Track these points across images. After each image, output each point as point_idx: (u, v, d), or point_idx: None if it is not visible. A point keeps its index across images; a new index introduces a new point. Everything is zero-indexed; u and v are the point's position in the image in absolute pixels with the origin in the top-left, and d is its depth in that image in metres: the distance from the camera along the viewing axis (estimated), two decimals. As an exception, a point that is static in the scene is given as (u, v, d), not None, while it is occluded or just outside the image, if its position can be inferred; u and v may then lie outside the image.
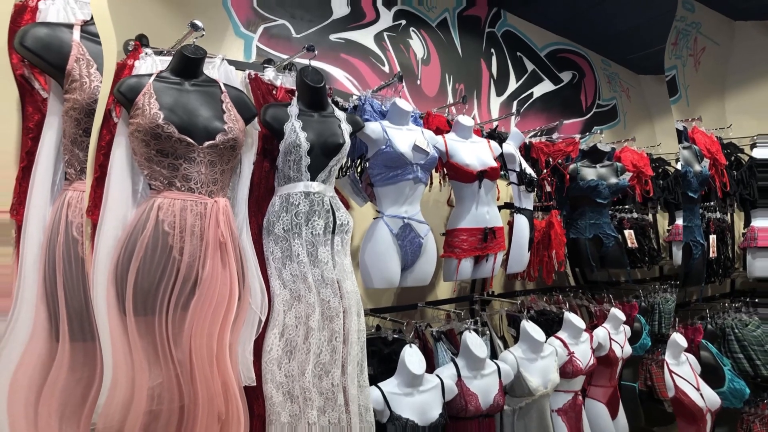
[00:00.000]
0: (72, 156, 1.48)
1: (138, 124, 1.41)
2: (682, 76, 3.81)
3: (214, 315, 1.46)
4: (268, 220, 1.68)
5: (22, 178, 1.50)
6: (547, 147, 3.12)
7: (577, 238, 3.19)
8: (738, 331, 3.03)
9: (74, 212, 1.44)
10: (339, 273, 1.69)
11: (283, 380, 1.57)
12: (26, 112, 1.51)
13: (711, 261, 3.22)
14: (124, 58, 1.59)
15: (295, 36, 2.56)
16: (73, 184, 1.48)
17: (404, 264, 2.08)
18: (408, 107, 2.17)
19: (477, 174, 2.20)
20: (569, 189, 3.18)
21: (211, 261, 1.46)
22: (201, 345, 1.43)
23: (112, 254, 1.40)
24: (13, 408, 1.33)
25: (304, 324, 1.63)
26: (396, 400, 1.83)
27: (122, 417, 1.34)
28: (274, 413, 1.54)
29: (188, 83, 1.56)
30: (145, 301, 1.40)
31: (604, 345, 2.69)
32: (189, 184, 1.49)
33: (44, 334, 1.40)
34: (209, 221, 1.48)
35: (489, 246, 2.29)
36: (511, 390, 2.25)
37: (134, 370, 1.37)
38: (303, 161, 1.66)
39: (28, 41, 1.38)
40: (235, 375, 1.50)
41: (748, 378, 2.90)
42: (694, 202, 3.08)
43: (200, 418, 1.40)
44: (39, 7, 1.50)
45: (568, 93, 4.13)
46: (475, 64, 3.49)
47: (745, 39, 3.82)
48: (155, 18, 2.05)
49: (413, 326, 2.32)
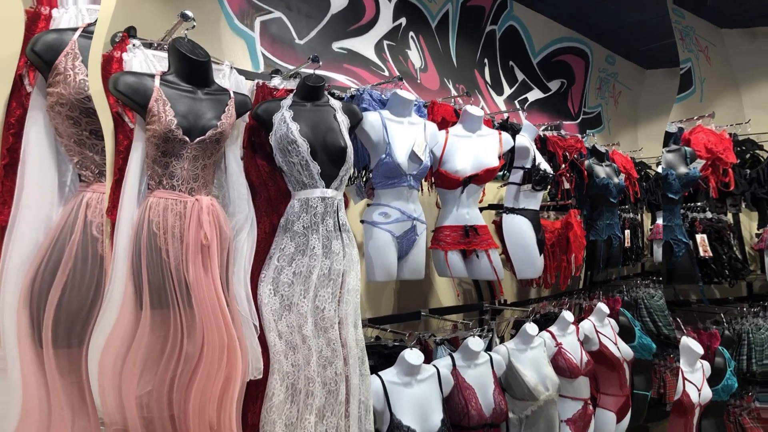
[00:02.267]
0: (84, 158, 1.46)
1: (154, 131, 1.42)
2: (698, 69, 3.94)
3: (215, 315, 1.43)
4: (287, 219, 1.73)
5: (5, 177, 1.43)
6: (561, 141, 3.08)
7: (596, 241, 3.18)
8: (751, 336, 3.06)
9: (94, 213, 1.43)
10: (347, 263, 1.77)
11: (290, 369, 1.60)
12: (9, 107, 1.46)
13: (705, 260, 3.24)
14: (111, 50, 1.55)
15: (298, 42, 2.59)
16: (91, 186, 1.47)
17: (399, 254, 2.16)
18: (410, 96, 2.16)
19: (463, 180, 2.30)
20: (588, 186, 3.15)
21: (193, 266, 1.42)
22: (213, 337, 1.41)
23: (128, 252, 1.39)
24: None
25: (298, 333, 1.63)
26: (395, 391, 1.87)
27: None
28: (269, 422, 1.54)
29: (201, 92, 1.56)
30: (159, 295, 1.39)
31: (591, 338, 2.68)
32: (172, 182, 1.46)
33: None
34: (189, 222, 1.43)
35: (473, 241, 2.34)
36: (509, 388, 2.22)
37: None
38: (313, 168, 1.70)
39: (38, 46, 1.40)
40: (243, 367, 1.47)
41: (742, 372, 3.08)
42: (674, 202, 3.18)
43: (192, 428, 1.36)
44: (53, 15, 1.52)
45: (556, 101, 4.30)
46: (469, 73, 3.53)
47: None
48: (147, 11, 2.02)
49: (415, 336, 2.29)
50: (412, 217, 2.12)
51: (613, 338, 2.78)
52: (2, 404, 1.25)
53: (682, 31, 3.96)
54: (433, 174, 2.40)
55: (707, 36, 4.07)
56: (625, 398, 2.77)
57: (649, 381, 3.14)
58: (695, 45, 4.01)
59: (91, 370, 1.33)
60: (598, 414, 2.70)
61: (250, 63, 2.39)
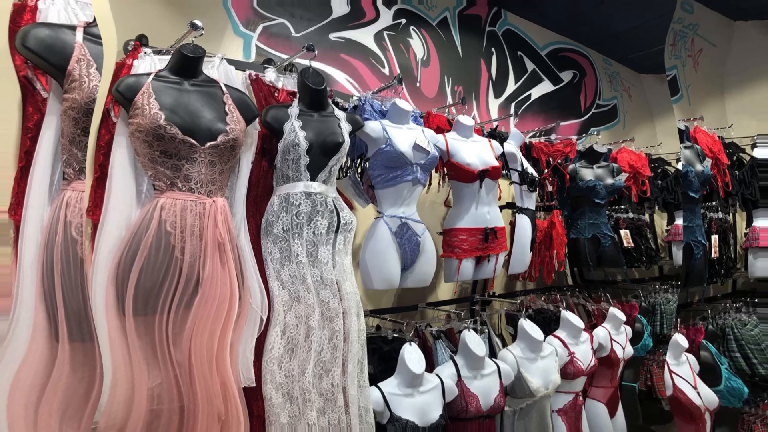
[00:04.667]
0: (70, 155, 1.47)
1: (138, 124, 1.41)
2: (683, 75, 3.80)
3: (217, 313, 1.46)
4: (267, 220, 1.67)
5: (21, 178, 1.49)
6: (546, 147, 3.13)
7: (577, 238, 3.21)
8: (737, 331, 3.05)
9: (73, 212, 1.43)
10: (339, 273, 1.69)
11: (283, 380, 1.56)
12: (26, 112, 1.50)
13: (713, 261, 3.22)
14: (123, 57, 1.58)
15: (294, 35, 2.56)
16: (71, 184, 1.47)
17: (404, 264, 2.09)
18: (408, 107, 2.17)
19: (478, 173, 2.18)
20: (569, 189, 3.20)
21: (210, 261, 1.47)
22: (201, 345, 1.43)
23: (113, 254, 1.40)
24: (13, 408, 1.32)
25: (304, 323, 1.63)
26: (396, 401, 1.83)
27: (125, 415, 1.34)
28: (273, 414, 1.54)
29: (188, 83, 1.55)
30: (147, 301, 1.40)
31: (605, 346, 2.69)
32: (189, 184, 1.49)
33: (44, 334, 1.39)
34: (207, 221, 1.48)
35: (490, 246, 2.28)
36: (512, 391, 2.24)
37: (133, 371, 1.36)
38: (302, 160, 1.65)
39: (30, 42, 1.38)
40: (235, 376, 1.50)
41: (746, 377, 2.91)
42: (695, 202, 3.05)
43: (200, 418, 1.40)
44: (38, 6, 1.48)
45: (567, 93, 4.13)
46: (474, 64, 3.48)
47: (745, 39, 3.83)
48: (156, 18, 2.04)
49: (413, 326, 2.32)
50: (401, 218, 2.04)
51: (623, 344, 2.79)
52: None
53: (680, 32, 3.90)
54: (444, 164, 2.28)
55: (712, 31, 3.93)
56: (613, 389, 2.78)
57: (637, 373, 3.17)
58: (687, 50, 3.96)
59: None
60: (588, 404, 2.70)
61: (242, 54, 2.34)
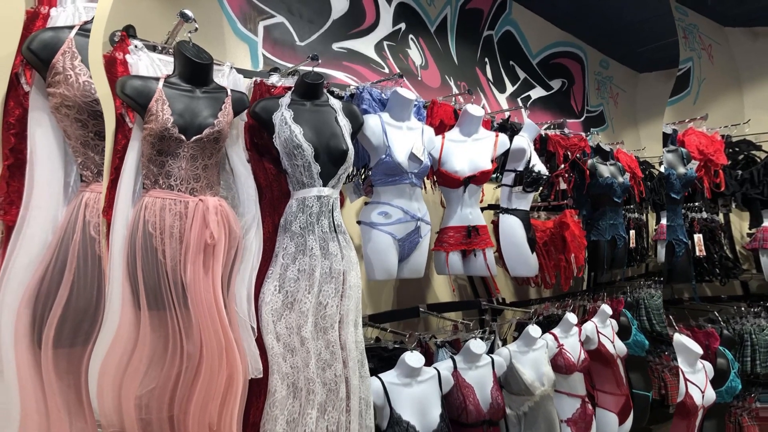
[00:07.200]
0: (86, 158, 1.47)
1: (151, 129, 1.42)
2: (699, 69, 3.93)
3: (211, 316, 1.42)
4: (286, 219, 1.76)
5: (10, 177, 1.45)
6: (564, 140, 3.03)
7: (598, 241, 3.12)
8: (754, 337, 3.05)
9: (92, 212, 1.43)
10: (346, 264, 1.79)
11: (289, 371, 1.61)
12: (7, 106, 1.46)
13: (700, 259, 3.26)
14: (111, 50, 1.54)
15: (299, 44, 2.60)
16: (90, 186, 1.48)
17: (401, 256, 2.19)
18: (411, 95, 2.15)
19: (463, 180, 2.36)
20: (590, 186, 3.10)
21: (192, 266, 1.41)
22: (210, 338, 1.41)
23: (123, 252, 1.39)
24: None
25: (296, 334, 1.63)
26: (395, 391, 1.89)
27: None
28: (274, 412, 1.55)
29: (199, 90, 1.57)
30: (156, 297, 1.39)
31: (592, 338, 2.70)
32: (169, 181, 1.45)
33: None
34: (191, 222, 1.43)
35: (474, 242, 2.41)
36: (506, 384, 2.23)
37: (151, 362, 1.35)
38: (313, 168, 1.73)
39: (33, 44, 1.40)
40: (236, 375, 1.46)
41: (744, 375, 3.05)
42: (676, 202, 3.18)
43: (191, 428, 1.36)
44: (51, 14, 1.52)
45: (559, 99, 4.27)
46: (470, 71, 3.52)
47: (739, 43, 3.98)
48: (147, 12, 2.02)
49: (416, 338, 2.29)
50: (416, 218, 2.14)
51: (611, 337, 2.80)
52: (3, 404, 1.26)
53: (686, 29, 3.95)
54: (434, 173, 2.43)
55: (711, 34, 4.04)
56: (625, 398, 2.76)
57: (648, 380, 3.12)
58: (698, 43, 4.00)
59: (91, 371, 1.33)
60: (598, 415, 2.70)
61: (250, 64, 2.40)
